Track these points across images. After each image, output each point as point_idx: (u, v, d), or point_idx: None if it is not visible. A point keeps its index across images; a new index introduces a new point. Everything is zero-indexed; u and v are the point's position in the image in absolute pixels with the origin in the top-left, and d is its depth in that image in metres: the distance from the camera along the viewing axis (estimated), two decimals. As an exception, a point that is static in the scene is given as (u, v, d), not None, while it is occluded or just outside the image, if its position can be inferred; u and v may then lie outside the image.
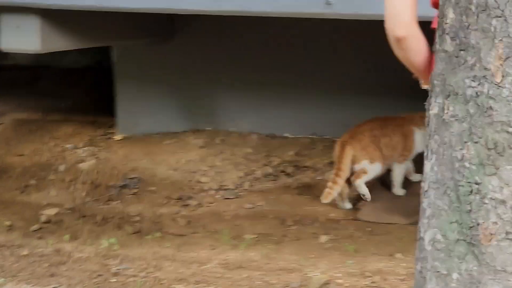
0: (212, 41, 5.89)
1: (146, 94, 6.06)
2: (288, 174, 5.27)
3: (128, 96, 6.07)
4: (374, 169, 4.71)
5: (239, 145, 5.71)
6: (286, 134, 5.85)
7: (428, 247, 1.83)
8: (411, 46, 1.96)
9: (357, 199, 4.82)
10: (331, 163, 5.35)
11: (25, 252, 4.22)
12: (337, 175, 4.63)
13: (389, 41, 1.97)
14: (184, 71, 5.98)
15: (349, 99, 5.71)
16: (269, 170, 5.30)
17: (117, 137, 5.98)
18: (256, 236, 4.39)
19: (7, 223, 4.66)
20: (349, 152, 4.64)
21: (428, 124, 1.87)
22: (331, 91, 5.74)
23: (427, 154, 1.87)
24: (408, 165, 4.82)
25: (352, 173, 4.68)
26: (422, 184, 1.88)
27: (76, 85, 7.11)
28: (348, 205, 4.75)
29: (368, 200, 4.65)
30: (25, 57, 7.11)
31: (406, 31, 1.94)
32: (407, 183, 4.83)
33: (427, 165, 1.86)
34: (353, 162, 4.66)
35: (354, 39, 5.58)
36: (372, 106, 5.62)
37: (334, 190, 4.60)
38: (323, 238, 4.32)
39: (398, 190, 4.81)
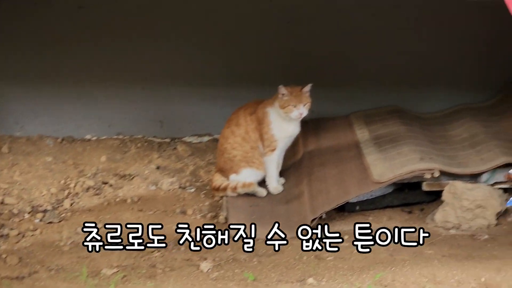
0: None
1: None
2: (112, 186, 4.36)
3: None
4: (246, 176, 4.16)
5: (33, 153, 4.67)
6: (87, 136, 4.90)
7: None
8: None
9: (215, 207, 4.12)
10: (158, 168, 4.54)
11: None
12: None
13: None
14: None
15: (160, 91, 4.90)
16: (88, 182, 4.35)
17: None
18: (117, 270, 3.48)
19: None
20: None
21: None
22: (137, 82, 4.89)
23: None
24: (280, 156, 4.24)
25: None
26: None
27: None
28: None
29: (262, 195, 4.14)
30: None
31: None
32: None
33: None
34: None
35: (177, 24, 4.79)
36: (182, 97, 4.93)
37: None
38: (205, 266, 3.51)
39: (271, 185, 4.18)
